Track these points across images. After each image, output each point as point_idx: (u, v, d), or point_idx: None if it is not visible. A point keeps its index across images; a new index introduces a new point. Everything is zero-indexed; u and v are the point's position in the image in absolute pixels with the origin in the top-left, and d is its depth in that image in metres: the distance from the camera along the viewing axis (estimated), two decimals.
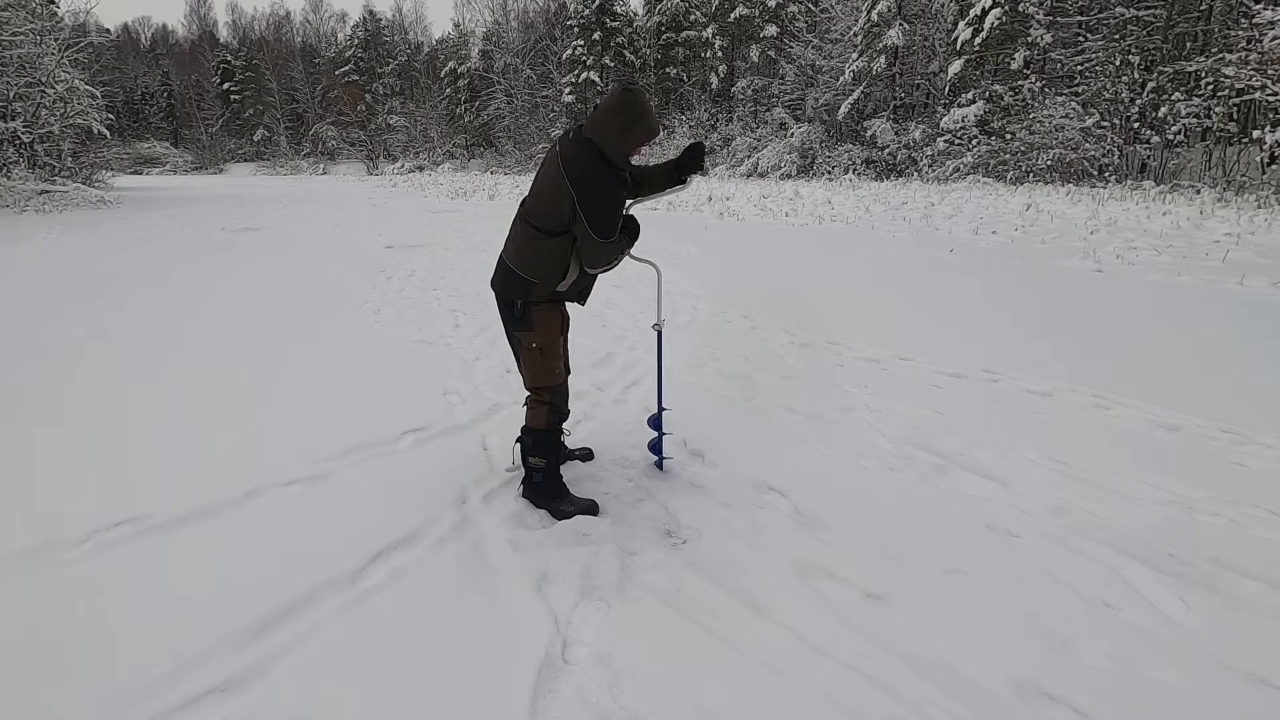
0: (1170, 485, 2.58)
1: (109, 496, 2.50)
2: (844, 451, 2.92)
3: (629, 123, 2.15)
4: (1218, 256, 7.13)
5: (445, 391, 3.69)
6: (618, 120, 2.15)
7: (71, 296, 6.23)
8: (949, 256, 7.99)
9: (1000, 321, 5.11)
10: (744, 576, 2.06)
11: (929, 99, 24.47)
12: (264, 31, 68.30)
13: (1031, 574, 2.07)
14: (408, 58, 55.96)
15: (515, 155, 40.56)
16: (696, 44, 35.98)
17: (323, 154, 54.82)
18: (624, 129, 2.16)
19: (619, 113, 2.15)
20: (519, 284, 2.32)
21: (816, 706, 1.58)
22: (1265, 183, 13.09)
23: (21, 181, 17.47)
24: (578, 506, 2.43)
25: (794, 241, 9.70)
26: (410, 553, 2.18)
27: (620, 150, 2.19)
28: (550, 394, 2.45)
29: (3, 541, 2.21)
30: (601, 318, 5.35)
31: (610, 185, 2.19)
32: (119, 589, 2.00)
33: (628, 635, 1.82)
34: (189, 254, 9.28)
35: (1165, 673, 1.67)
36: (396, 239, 10.75)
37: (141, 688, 1.62)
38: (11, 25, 17.08)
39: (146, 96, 66.07)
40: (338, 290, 6.62)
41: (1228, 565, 2.09)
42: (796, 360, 4.26)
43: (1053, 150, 17.26)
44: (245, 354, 4.43)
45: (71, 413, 3.39)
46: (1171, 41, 17.94)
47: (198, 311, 5.68)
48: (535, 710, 1.58)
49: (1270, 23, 12.73)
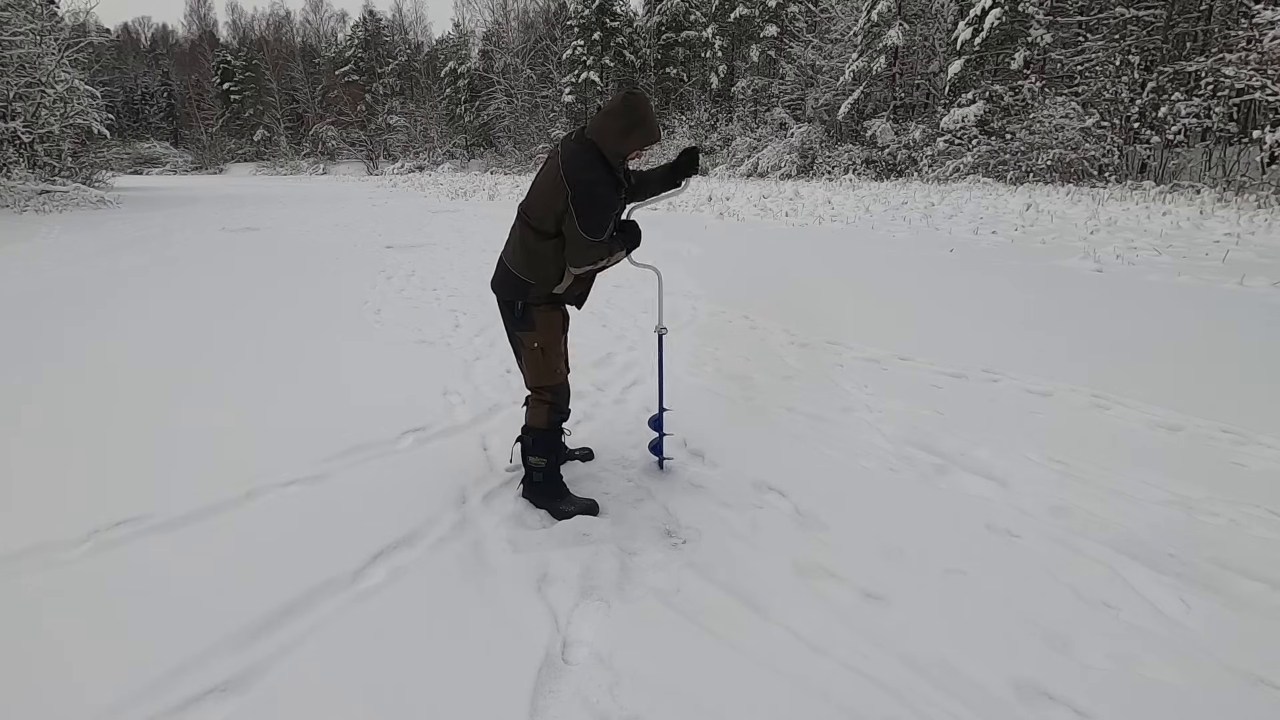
0: (1170, 485, 2.58)
1: (109, 496, 2.50)
2: (844, 451, 2.92)
3: (629, 125, 2.20)
4: (1218, 256, 7.13)
5: (445, 391, 3.69)
6: (618, 121, 2.20)
7: (71, 297, 6.23)
8: (949, 256, 7.99)
9: (1000, 321, 5.11)
10: (744, 576, 2.06)
11: (929, 99, 24.47)
12: (264, 31, 68.35)
13: (1031, 574, 2.07)
14: (408, 58, 55.98)
15: (515, 155, 40.56)
16: (696, 44, 35.97)
17: (323, 154, 54.83)
18: (624, 130, 2.20)
19: (620, 114, 2.20)
20: (517, 285, 2.34)
21: (816, 706, 1.58)
22: (1265, 183, 13.09)
23: (21, 181, 17.48)
24: (578, 506, 2.43)
25: (794, 241, 9.71)
26: (410, 553, 2.18)
27: (619, 150, 2.23)
28: (552, 393, 2.45)
29: (3, 541, 2.21)
30: (601, 318, 5.35)
31: (605, 186, 2.22)
32: (118, 589, 1.99)
33: (628, 635, 1.82)
34: (189, 254, 9.28)
35: (1165, 673, 1.67)
36: (396, 239, 10.76)
37: (141, 688, 1.62)
38: (11, 25, 17.08)
39: (146, 96, 66.08)
40: (338, 290, 6.62)
41: (1228, 565, 2.09)
42: (796, 360, 4.27)
43: (1053, 150, 17.26)
44: (245, 354, 4.43)
45: (71, 412, 3.39)
46: (1171, 41, 17.94)
47: (197, 312, 5.68)
48: (535, 710, 1.57)
49: (1270, 23, 12.73)
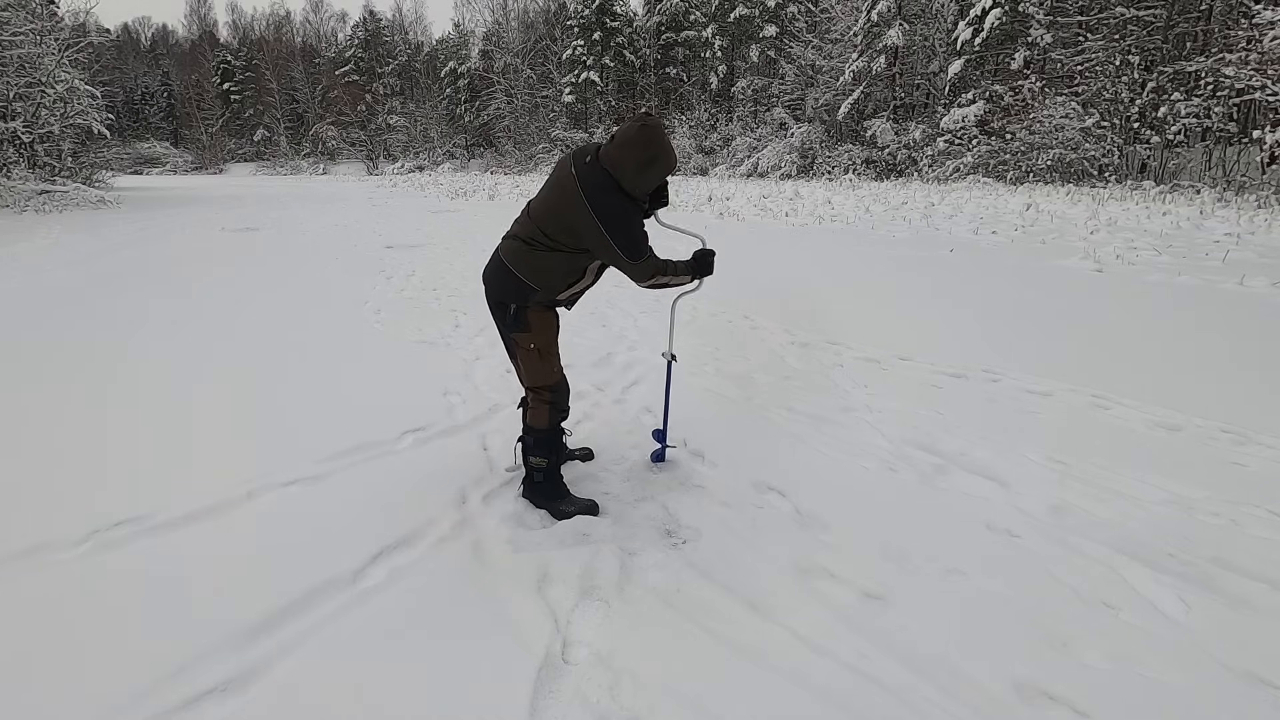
0: (1170, 485, 2.58)
1: (108, 496, 2.50)
2: (844, 451, 2.92)
3: (648, 161, 2.12)
4: (1218, 256, 7.13)
5: (445, 391, 3.69)
6: (635, 156, 2.11)
7: (71, 297, 6.23)
8: (949, 256, 7.99)
9: (1000, 321, 5.11)
10: (744, 576, 2.06)
11: (929, 99, 24.48)
12: (264, 31, 68.31)
13: (1031, 574, 2.07)
14: (408, 58, 56.00)
15: (515, 155, 40.57)
16: (696, 44, 36.00)
17: (323, 154, 54.83)
18: (642, 166, 2.13)
19: (637, 147, 2.11)
20: (517, 287, 2.31)
21: (816, 706, 1.58)
22: (1265, 183, 13.09)
23: (21, 181, 17.48)
24: (578, 506, 2.42)
25: (794, 241, 9.70)
26: (410, 553, 2.18)
27: (636, 187, 2.17)
28: (551, 392, 2.45)
29: (3, 541, 2.21)
30: (601, 318, 5.35)
31: (631, 214, 2.20)
32: (118, 589, 1.99)
33: (628, 635, 1.82)
34: (189, 254, 9.28)
35: (1165, 673, 1.67)
36: (396, 239, 10.75)
37: (141, 688, 1.62)
38: (11, 25, 17.08)
39: (146, 96, 66.08)
40: (338, 290, 6.61)
41: (1228, 565, 2.09)
42: (796, 360, 4.26)
43: (1053, 150, 17.27)
44: (246, 354, 4.43)
45: (71, 412, 3.39)
46: (1171, 41, 17.95)
47: (197, 312, 5.68)
48: (535, 710, 1.57)
49: (1270, 23, 12.74)
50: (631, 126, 2.13)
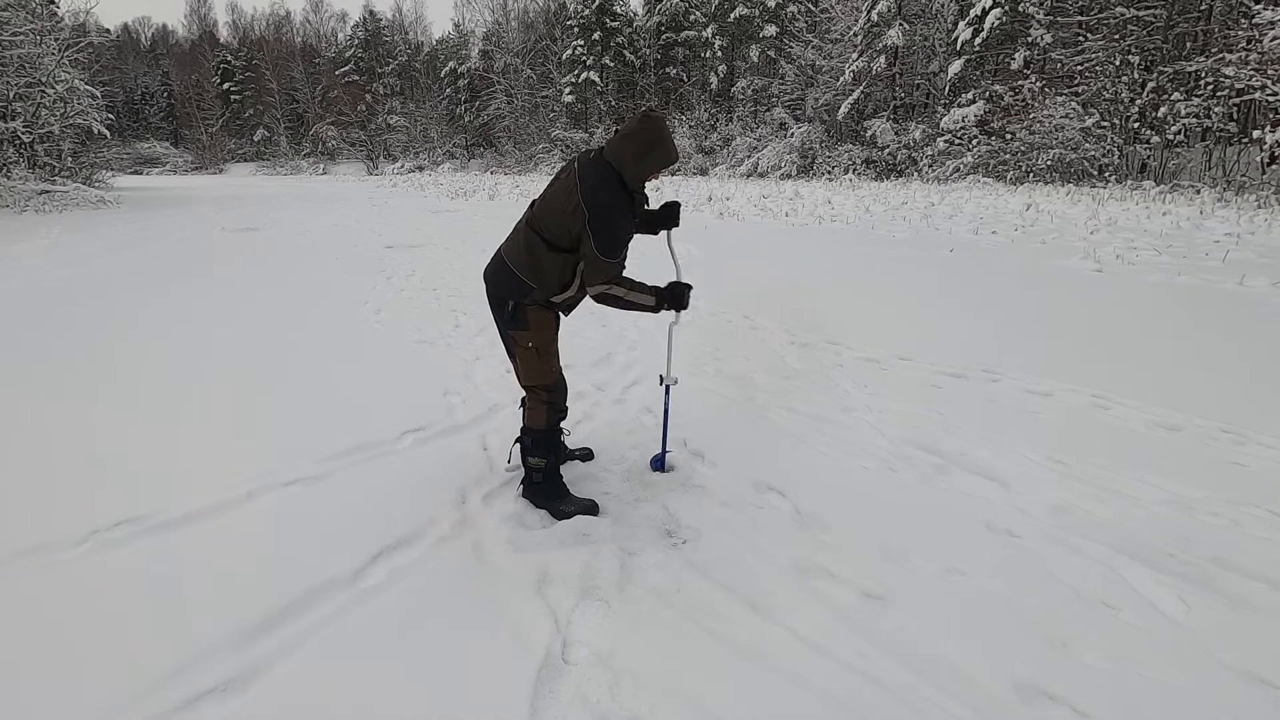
0: (1170, 485, 2.58)
1: (108, 496, 2.50)
2: (844, 451, 2.92)
3: (647, 148, 2.18)
4: (1218, 256, 7.13)
5: (445, 391, 3.69)
6: (635, 145, 2.18)
7: (71, 297, 6.23)
8: (949, 256, 7.99)
9: (1000, 321, 5.11)
10: (744, 576, 2.06)
11: (929, 99, 24.48)
12: (264, 31, 68.28)
13: (1031, 574, 2.07)
14: (408, 58, 55.96)
15: (515, 155, 40.55)
16: (696, 44, 35.98)
17: (323, 154, 54.79)
18: (641, 154, 2.19)
19: (637, 137, 2.18)
20: (516, 285, 2.32)
21: (816, 706, 1.58)
22: (1265, 183, 13.09)
23: (21, 181, 17.48)
24: (578, 506, 2.43)
25: (794, 241, 9.70)
26: (410, 553, 2.18)
27: (636, 175, 2.22)
28: (548, 392, 2.45)
29: (3, 541, 2.21)
30: (601, 317, 5.35)
31: (622, 213, 2.22)
32: (118, 589, 1.99)
33: (628, 635, 1.82)
34: (189, 254, 9.27)
35: (1165, 673, 1.67)
36: (396, 239, 10.75)
37: (141, 688, 1.62)
38: (11, 25, 17.08)
39: (146, 96, 66.04)
40: (338, 290, 6.61)
41: (1228, 565, 2.09)
42: (796, 360, 4.26)
43: (1053, 150, 17.26)
44: (245, 354, 4.43)
45: (70, 412, 3.39)
46: (1171, 41, 17.94)
47: (197, 312, 5.68)
48: (535, 710, 1.57)
49: (1270, 23, 12.74)
50: (634, 119, 2.22)
